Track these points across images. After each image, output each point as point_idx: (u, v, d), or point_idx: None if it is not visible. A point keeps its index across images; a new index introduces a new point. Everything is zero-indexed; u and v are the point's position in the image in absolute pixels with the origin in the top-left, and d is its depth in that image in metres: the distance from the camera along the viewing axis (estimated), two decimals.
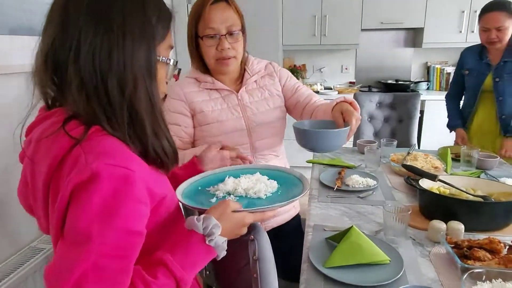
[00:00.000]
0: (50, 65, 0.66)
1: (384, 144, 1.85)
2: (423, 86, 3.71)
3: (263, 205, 0.83)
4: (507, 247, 0.92)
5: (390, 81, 3.81)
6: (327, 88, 3.93)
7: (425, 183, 1.22)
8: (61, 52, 0.65)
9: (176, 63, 0.77)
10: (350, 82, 4.06)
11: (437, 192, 1.18)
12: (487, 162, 1.61)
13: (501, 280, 0.80)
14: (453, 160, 1.69)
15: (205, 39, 1.24)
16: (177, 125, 1.30)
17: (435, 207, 1.14)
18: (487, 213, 1.08)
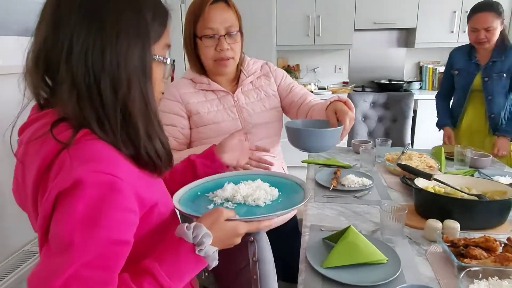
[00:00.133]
0: (42, 65, 0.64)
1: (379, 143, 1.86)
2: (416, 85, 3.74)
3: (262, 213, 0.80)
4: (502, 245, 0.93)
5: (383, 81, 3.83)
6: (321, 88, 3.94)
7: (420, 182, 1.23)
8: (53, 51, 0.63)
9: (173, 62, 0.75)
10: (344, 82, 4.08)
11: (433, 191, 1.19)
12: (480, 161, 1.63)
13: (497, 278, 0.81)
14: (447, 159, 1.71)
15: (204, 39, 1.23)
16: (173, 126, 1.29)
17: (431, 206, 1.15)
18: (482, 211, 1.09)
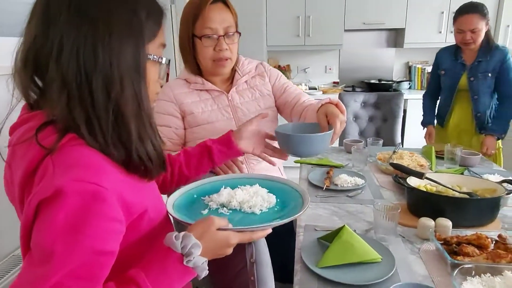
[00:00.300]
0: (31, 64, 0.62)
1: (371, 143, 1.87)
2: (405, 85, 3.78)
3: (257, 221, 0.78)
4: (493, 242, 0.95)
5: (373, 81, 3.87)
6: (311, 88, 3.96)
7: (412, 181, 1.24)
8: (42, 50, 0.60)
9: (169, 62, 0.73)
10: (334, 82, 4.10)
11: (425, 190, 1.20)
12: (470, 160, 1.66)
13: (489, 274, 0.82)
14: (437, 158, 1.73)
15: (203, 39, 1.22)
16: (167, 126, 1.28)
17: (423, 204, 1.16)
18: (474, 209, 1.11)
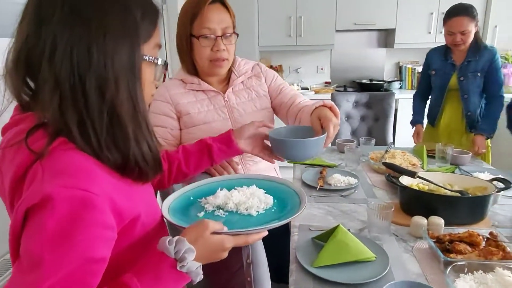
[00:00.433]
0: (22, 65, 0.61)
1: (363, 142, 1.89)
2: (396, 85, 3.82)
3: (253, 223, 0.77)
4: (485, 239, 0.97)
5: (364, 81, 3.90)
6: (303, 89, 3.97)
7: (405, 180, 1.26)
8: (34, 50, 0.59)
9: (165, 63, 0.72)
10: (326, 82, 4.13)
11: (417, 189, 1.22)
12: (461, 158, 1.69)
13: (481, 271, 0.84)
14: (428, 157, 1.75)
15: (201, 39, 1.21)
16: (163, 127, 1.27)
17: (416, 203, 1.17)
18: (465, 207, 1.13)
